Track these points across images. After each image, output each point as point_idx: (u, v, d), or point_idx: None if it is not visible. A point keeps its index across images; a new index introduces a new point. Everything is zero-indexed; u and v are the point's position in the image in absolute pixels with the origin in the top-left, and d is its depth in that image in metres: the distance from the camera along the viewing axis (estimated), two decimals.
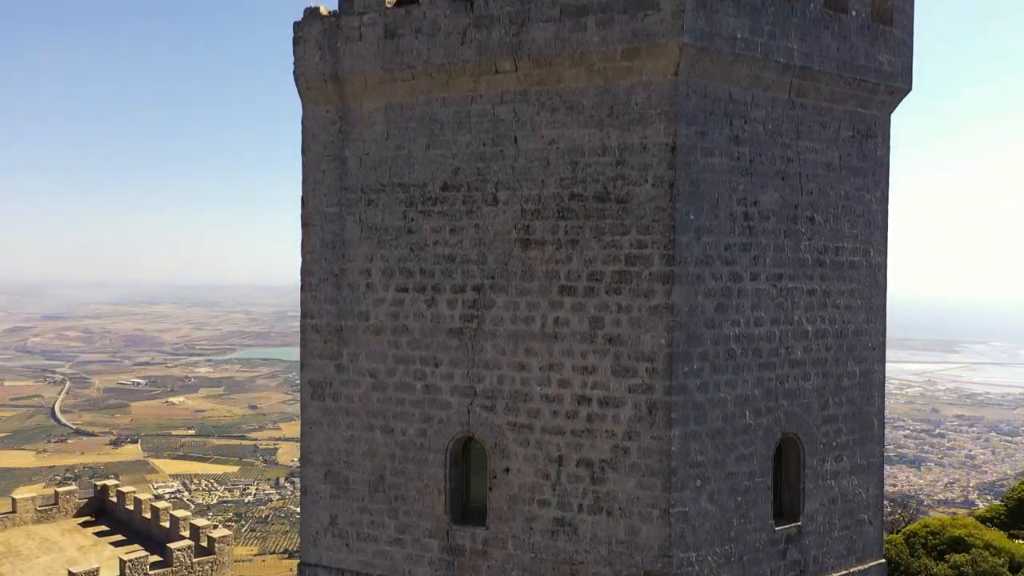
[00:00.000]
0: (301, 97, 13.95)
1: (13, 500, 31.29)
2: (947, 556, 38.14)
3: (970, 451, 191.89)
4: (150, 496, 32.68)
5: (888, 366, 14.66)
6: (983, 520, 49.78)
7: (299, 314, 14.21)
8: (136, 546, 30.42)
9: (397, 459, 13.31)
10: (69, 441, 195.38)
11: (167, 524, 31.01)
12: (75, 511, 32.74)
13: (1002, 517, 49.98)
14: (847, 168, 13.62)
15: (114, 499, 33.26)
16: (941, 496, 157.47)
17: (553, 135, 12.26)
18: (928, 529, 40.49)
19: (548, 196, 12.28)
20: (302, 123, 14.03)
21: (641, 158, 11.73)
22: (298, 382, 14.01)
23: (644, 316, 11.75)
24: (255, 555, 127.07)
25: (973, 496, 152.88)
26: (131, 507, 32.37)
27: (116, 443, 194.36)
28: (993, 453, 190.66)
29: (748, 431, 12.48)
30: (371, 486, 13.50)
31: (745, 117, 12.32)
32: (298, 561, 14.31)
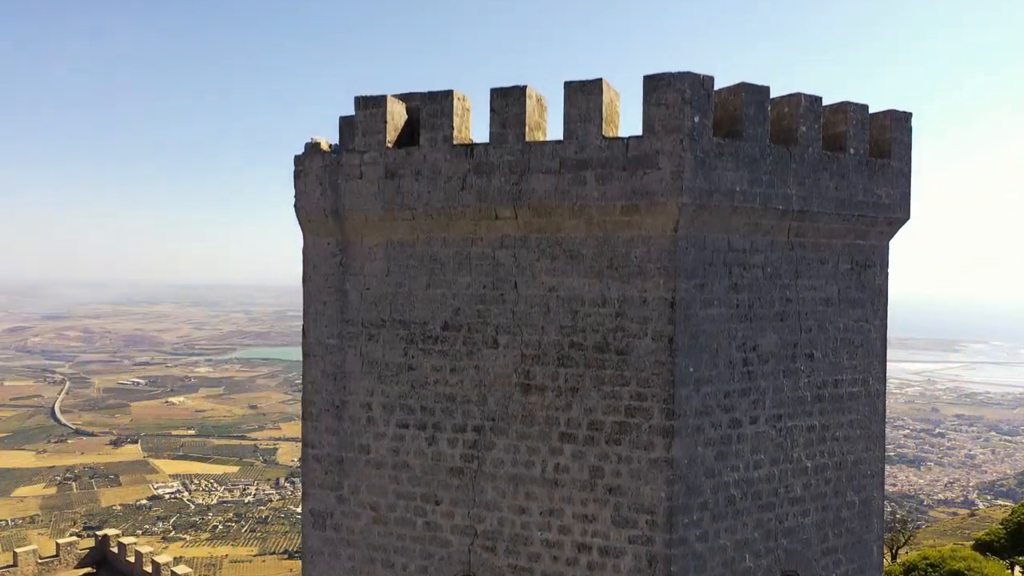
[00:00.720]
0: (302, 227, 14.00)
1: (15, 554, 31.45)
2: None
3: (970, 450, 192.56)
4: (151, 548, 32.78)
5: (888, 365, 14.74)
6: (983, 545, 50.03)
7: (300, 314, 14.27)
8: None
9: None
10: (69, 441, 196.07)
11: None
12: (76, 562, 32.88)
13: (1002, 541, 50.18)
14: (846, 301, 13.67)
15: (115, 549, 33.42)
16: (941, 496, 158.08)
17: (553, 282, 12.31)
18: (927, 561, 40.67)
19: (548, 343, 12.34)
20: (303, 252, 14.10)
21: (641, 311, 11.78)
22: (298, 382, 14.11)
23: (644, 468, 11.82)
24: (255, 555, 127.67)
25: (973, 496, 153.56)
26: (132, 559, 32.52)
27: (116, 443, 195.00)
28: (993, 453, 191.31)
29: (748, 574, 12.56)
30: None
31: (744, 264, 12.37)
32: (299, 562, 14.41)
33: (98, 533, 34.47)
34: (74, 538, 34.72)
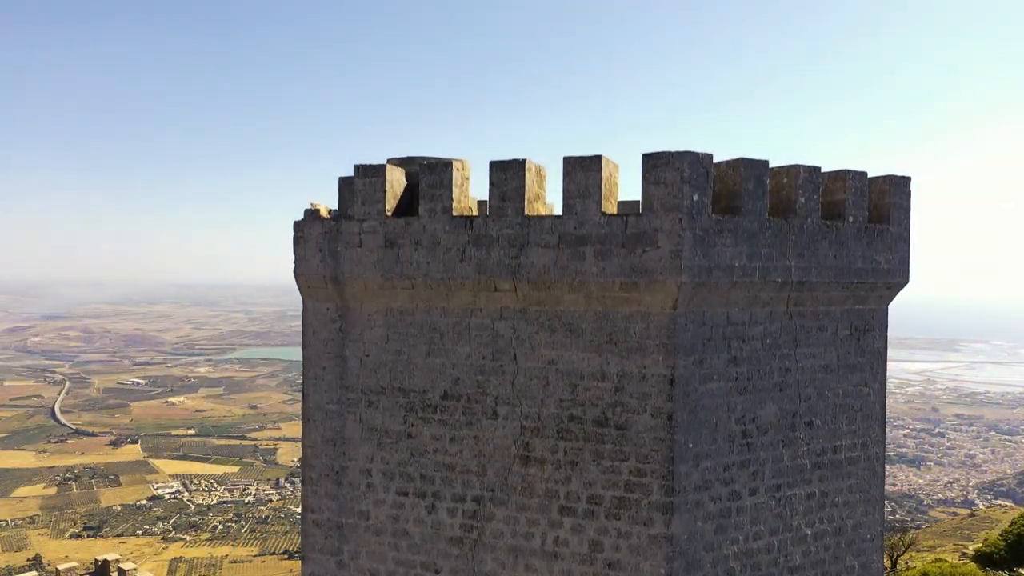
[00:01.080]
0: (301, 292, 14.02)
1: None
2: None
3: (970, 450, 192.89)
4: (151, 574, 32.77)
5: (888, 365, 14.74)
6: (983, 557, 50.09)
7: (300, 314, 14.27)
8: None
9: None
10: (69, 441, 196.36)
11: None
12: None
13: (1002, 553, 50.27)
14: (845, 366, 13.69)
15: (115, 574, 33.47)
16: (941, 496, 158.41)
17: (552, 355, 12.32)
18: None
19: (548, 415, 12.35)
20: (303, 317, 14.11)
21: (640, 387, 11.80)
22: (298, 382, 14.08)
23: (643, 544, 11.83)
24: (255, 556, 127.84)
25: (973, 496, 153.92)
26: None
27: (116, 443, 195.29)
28: (993, 452, 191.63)
29: None
30: None
31: (743, 336, 12.38)
32: (299, 562, 14.42)
33: (98, 558, 34.52)
34: (74, 563, 34.76)
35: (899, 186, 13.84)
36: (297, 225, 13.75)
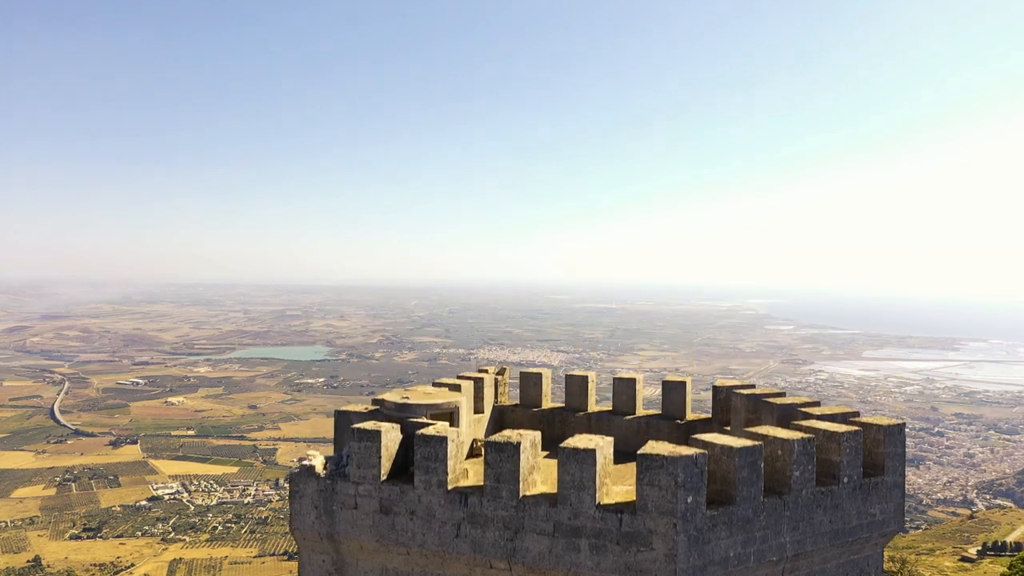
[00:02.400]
0: (297, 543, 14.04)
1: None
2: None
3: (969, 449, 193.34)
4: None
5: (887, 364, 14.70)
6: None
7: (299, 313, 14.23)
8: None
9: None
10: (69, 441, 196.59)
11: None
12: None
13: None
14: None
15: None
16: (940, 495, 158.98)
17: None
18: None
19: None
20: (299, 567, 14.13)
21: None
22: (297, 381, 13.99)
23: None
24: (255, 557, 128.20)
25: (972, 495, 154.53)
26: None
27: (115, 443, 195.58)
28: (992, 451, 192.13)
29: None
30: None
31: None
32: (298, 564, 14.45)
33: None
34: None
35: (893, 435, 13.84)
36: (293, 479, 13.75)
